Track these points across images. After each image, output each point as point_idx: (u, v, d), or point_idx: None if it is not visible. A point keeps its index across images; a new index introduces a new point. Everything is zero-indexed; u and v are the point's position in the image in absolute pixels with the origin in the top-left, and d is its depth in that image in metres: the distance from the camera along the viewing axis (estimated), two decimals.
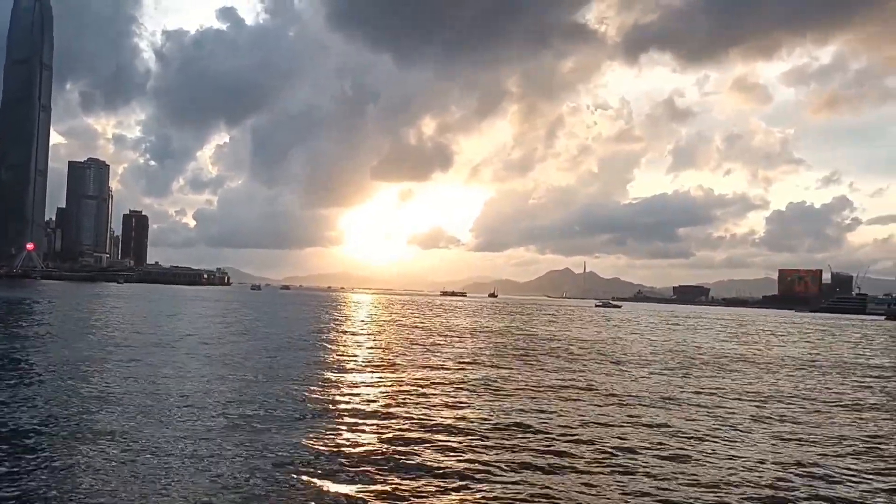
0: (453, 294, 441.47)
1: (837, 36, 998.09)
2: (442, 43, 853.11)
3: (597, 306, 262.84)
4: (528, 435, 20.15)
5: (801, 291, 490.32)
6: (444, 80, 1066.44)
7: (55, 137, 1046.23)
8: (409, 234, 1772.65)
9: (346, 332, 63.49)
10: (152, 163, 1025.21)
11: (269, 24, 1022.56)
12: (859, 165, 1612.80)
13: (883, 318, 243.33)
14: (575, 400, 27.14)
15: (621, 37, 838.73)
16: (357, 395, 26.47)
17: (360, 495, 14.15)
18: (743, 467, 17.47)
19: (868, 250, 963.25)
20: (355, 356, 41.10)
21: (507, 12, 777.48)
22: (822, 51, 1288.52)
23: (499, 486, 15.09)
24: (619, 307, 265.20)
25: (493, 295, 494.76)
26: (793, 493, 15.37)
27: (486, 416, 22.66)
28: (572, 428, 21.39)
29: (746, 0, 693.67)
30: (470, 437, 19.56)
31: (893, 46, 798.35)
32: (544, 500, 14.41)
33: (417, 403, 24.55)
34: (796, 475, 16.88)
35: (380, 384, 29.50)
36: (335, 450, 17.61)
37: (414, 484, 15.02)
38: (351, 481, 15.08)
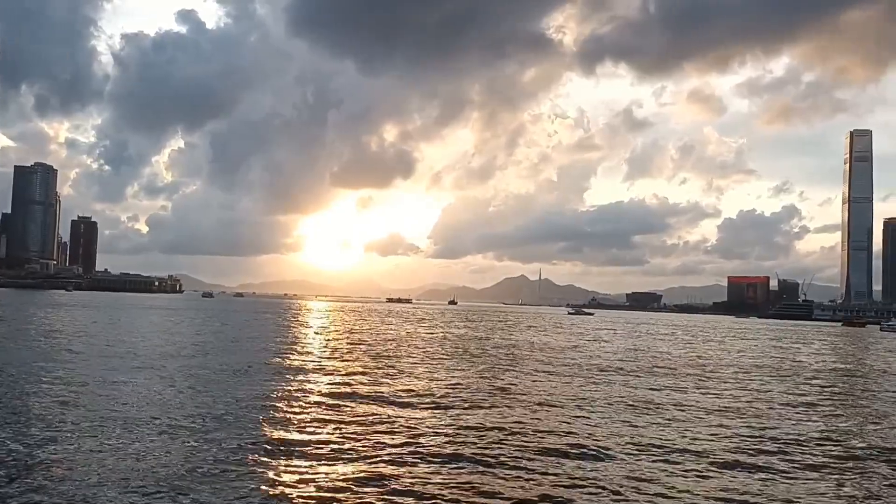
0: (399, 301, 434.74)
1: (788, 49, 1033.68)
2: (405, 51, 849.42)
3: (569, 314, 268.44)
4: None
5: (749, 298, 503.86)
6: (406, 88, 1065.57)
7: (4, 141, 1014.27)
8: (367, 241, 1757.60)
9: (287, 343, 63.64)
10: (106, 168, 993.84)
11: (230, 29, 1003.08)
12: (809, 175, 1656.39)
13: (840, 324, 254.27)
14: None
15: (578, 47, 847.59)
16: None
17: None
18: None
19: (815, 258, 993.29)
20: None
21: (469, 21, 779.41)
22: (775, 63, 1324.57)
23: None
24: (592, 314, 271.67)
25: (452, 302, 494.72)
26: None
27: None
28: None
29: (699, 14, 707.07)
30: None
31: (843, 58, 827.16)
32: None
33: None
34: None
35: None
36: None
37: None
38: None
